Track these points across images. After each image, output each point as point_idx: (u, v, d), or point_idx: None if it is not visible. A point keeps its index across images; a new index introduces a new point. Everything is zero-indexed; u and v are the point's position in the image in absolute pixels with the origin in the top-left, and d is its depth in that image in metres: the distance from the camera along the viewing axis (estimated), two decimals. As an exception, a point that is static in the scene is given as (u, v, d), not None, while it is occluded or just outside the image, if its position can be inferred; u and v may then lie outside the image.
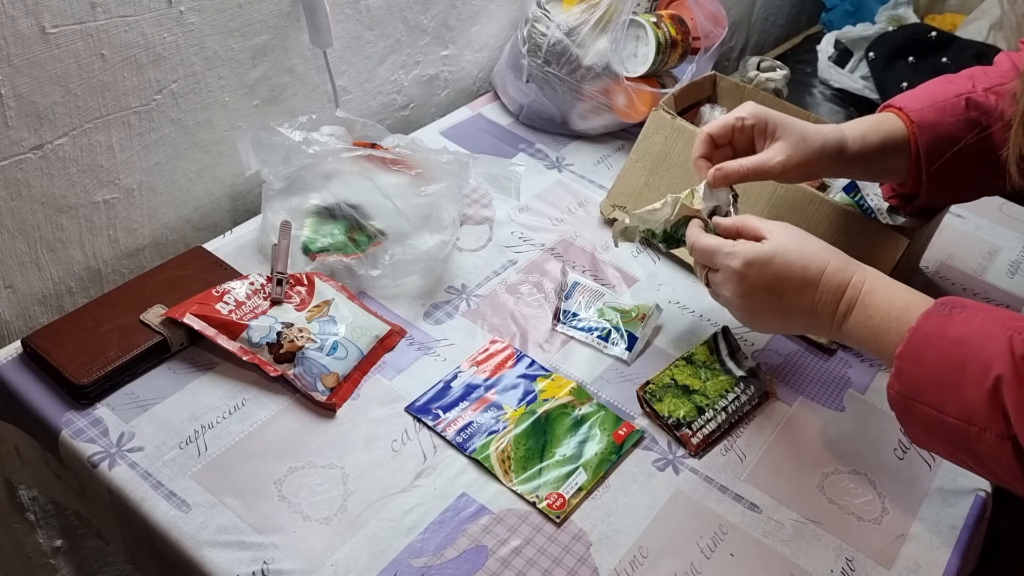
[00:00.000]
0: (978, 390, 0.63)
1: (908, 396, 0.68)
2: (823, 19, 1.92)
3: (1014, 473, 0.63)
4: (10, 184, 0.85)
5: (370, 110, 1.22)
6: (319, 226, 0.97)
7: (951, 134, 0.86)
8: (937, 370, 0.66)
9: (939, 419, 0.66)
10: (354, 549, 0.72)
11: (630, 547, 0.75)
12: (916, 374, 0.68)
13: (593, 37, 1.18)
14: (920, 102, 0.88)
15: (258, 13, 0.98)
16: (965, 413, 0.64)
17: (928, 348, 0.67)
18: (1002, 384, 0.62)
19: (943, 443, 0.69)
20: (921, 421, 0.69)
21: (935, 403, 0.66)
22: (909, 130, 0.87)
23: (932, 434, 0.69)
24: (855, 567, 0.76)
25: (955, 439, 0.66)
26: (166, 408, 0.82)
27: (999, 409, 0.62)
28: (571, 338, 0.94)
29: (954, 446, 0.67)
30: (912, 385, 0.68)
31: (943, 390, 0.66)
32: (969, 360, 0.64)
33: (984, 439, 0.64)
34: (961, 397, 0.65)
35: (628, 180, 1.09)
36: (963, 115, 0.86)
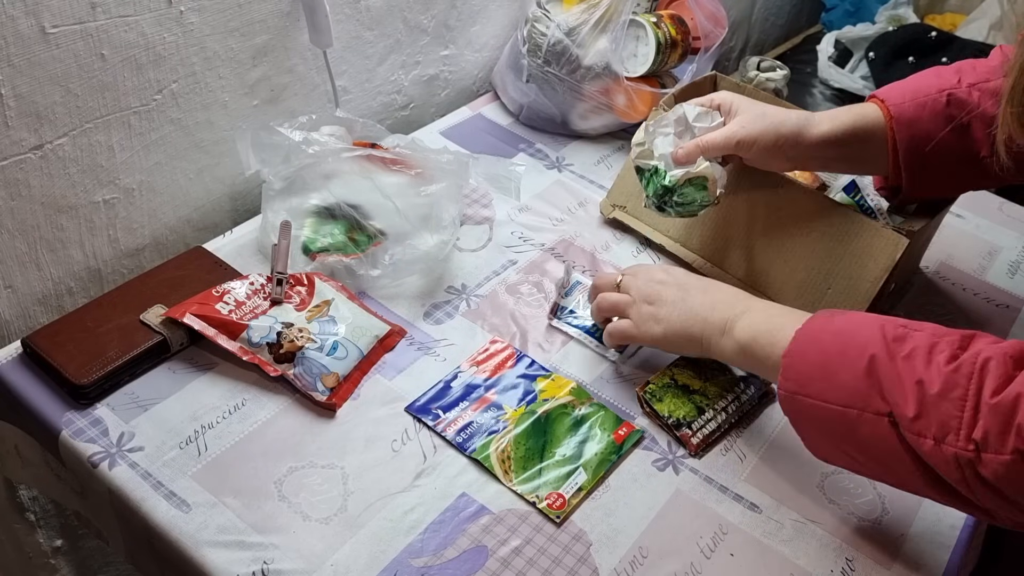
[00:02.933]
0: (855, 371, 0.67)
1: (794, 392, 0.71)
2: (823, 19, 1.92)
3: (896, 452, 0.65)
4: (10, 184, 0.85)
5: (370, 110, 1.22)
6: (319, 226, 0.97)
7: (929, 131, 0.87)
8: (820, 361, 0.70)
9: (822, 409, 0.69)
10: (354, 549, 0.72)
11: (630, 547, 0.75)
12: (801, 369, 0.71)
13: (593, 37, 1.18)
14: (903, 95, 0.89)
15: (258, 13, 0.98)
16: (845, 397, 0.67)
17: (811, 344, 0.71)
18: (876, 362, 0.66)
19: (830, 437, 0.71)
20: (808, 416, 0.71)
21: (818, 393, 0.69)
22: (888, 124, 0.88)
23: (819, 428, 0.72)
24: (855, 567, 0.76)
25: (839, 429, 0.69)
26: (166, 408, 0.82)
27: (875, 386, 0.65)
28: (565, 334, 0.94)
29: (840, 437, 0.70)
30: (797, 380, 0.71)
31: (825, 378, 0.69)
32: (848, 347, 0.68)
33: (864, 420, 0.66)
34: (841, 382, 0.67)
35: (628, 180, 1.09)
36: (942, 112, 0.87)
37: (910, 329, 0.68)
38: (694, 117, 0.92)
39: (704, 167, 0.90)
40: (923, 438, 0.63)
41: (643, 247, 1.08)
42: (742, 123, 0.90)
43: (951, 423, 0.62)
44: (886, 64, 1.57)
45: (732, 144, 0.89)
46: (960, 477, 0.62)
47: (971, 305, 1.06)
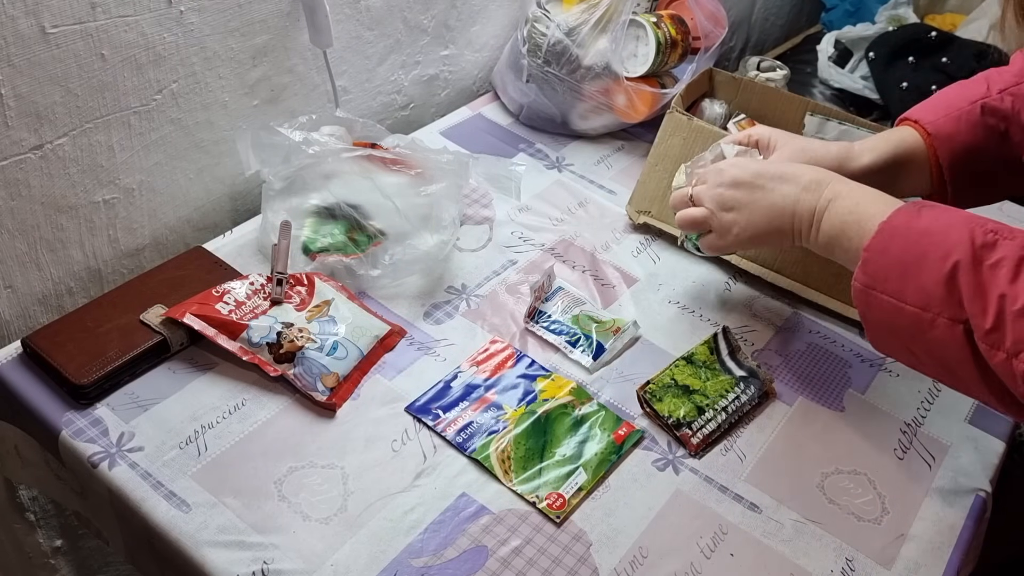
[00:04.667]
0: (936, 276, 0.66)
1: (870, 287, 0.70)
2: (823, 19, 1.91)
3: (963, 358, 0.65)
4: (10, 184, 0.85)
5: (370, 110, 1.22)
6: (319, 226, 0.97)
7: (969, 143, 0.86)
8: (900, 260, 0.68)
9: (897, 308, 0.68)
10: (354, 549, 0.72)
11: (630, 547, 0.75)
12: (881, 264, 0.69)
13: (593, 37, 1.18)
14: (935, 113, 0.88)
15: (258, 13, 0.98)
16: (922, 300, 0.66)
17: (895, 240, 0.70)
18: (959, 269, 0.64)
19: (898, 335, 0.70)
20: (880, 311, 0.70)
21: (895, 292, 0.68)
22: (927, 143, 0.88)
23: (889, 325, 0.70)
24: (855, 567, 0.76)
25: (910, 328, 0.68)
26: (166, 408, 0.82)
27: (954, 294, 0.65)
28: (540, 338, 0.94)
29: (909, 336, 0.69)
30: (875, 275, 0.70)
31: (904, 278, 0.68)
32: (931, 249, 0.67)
33: (937, 324, 0.66)
34: (920, 284, 0.66)
35: (650, 184, 1.09)
36: (979, 122, 0.86)
37: (1001, 236, 0.65)
38: (733, 155, 0.91)
39: None
40: (996, 350, 0.62)
41: (642, 247, 1.08)
42: (782, 158, 0.87)
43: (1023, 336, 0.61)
44: (886, 64, 1.57)
45: None
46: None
47: (971, 305, 1.06)
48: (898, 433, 0.88)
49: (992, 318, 0.63)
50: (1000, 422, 0.91)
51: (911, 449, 0.87)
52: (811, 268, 1.00)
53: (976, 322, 0.64)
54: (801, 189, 0.79)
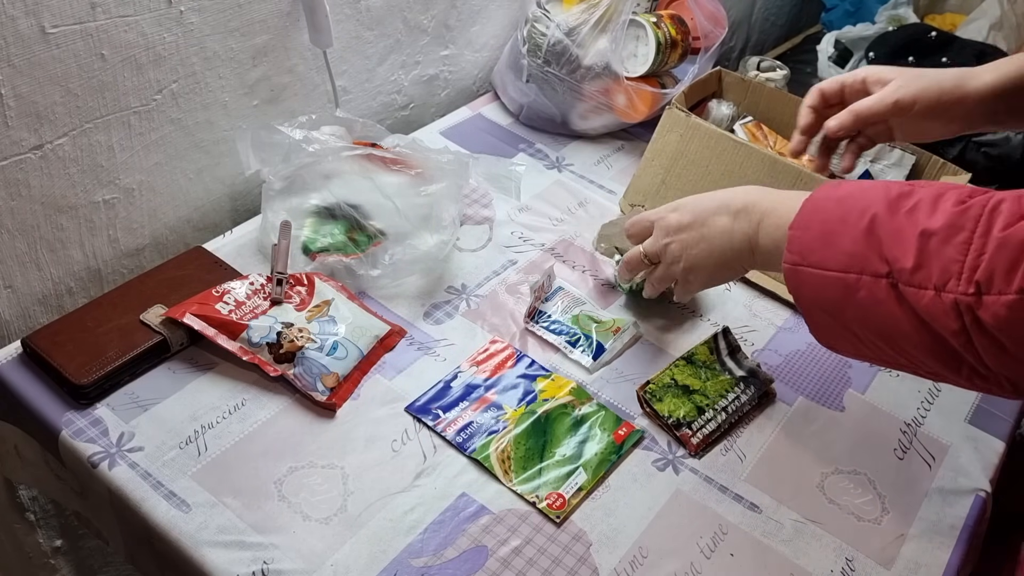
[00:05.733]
0: (855, 234, 0.63)
1: (797, 263, 0.67)
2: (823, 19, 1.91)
3: (893, 316, 0.61)
4: (10, 184, 0.85)
5: (370, 110, 1.22)
6: (319, 226, 0.97)
7: None
8: (822, 229, 0.66)
9: (822, 277, 0.65)
10: (354, 549, 0.72)
11: (630, 547, 0.75)
12: (805, 238, 0.67)
13: (593, 37, 1.18)
14: None
15: (258, 13, 0.98)
16: (844, 262, 0.63)
17: (816, 213, 0.68)
18: (876, 221, 0.62)
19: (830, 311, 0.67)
20: (809, 287, 0.67)
21: (819, 262, 0.65)
22: None
23: (820, 302, 0.67)
24: (855, 567, 0.76)
25: (839, 299, 0.65)
26: (166, 408, 0.82)
27: (874, 246, 0.62)
28: (540, 338, 0.94)
29: (839, 308, 0.65)
30: (801, 250, 0.67)
31: (825, 246, 0.65)
32: (850, 211, 0.64)
33: (862, 284, 0.62)
34: (841, 247, 0.64)
35: (644, 179, 1.10)
36: None
37: (916, 186, 0.63)
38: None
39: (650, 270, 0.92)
40: (923, 290, 0.59)
41: (643, 247, 1.08)
42: (899, 84, 0.84)
43: (953, 268, 0.57)
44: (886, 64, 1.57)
45: (889, 105, 0.84)
46: (959, 327, 0.57)
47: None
48: (898, 433, 0.88)
49: (914, 256, 0.59)
50: (1000, 422, 0.91)
51: (911, 449, 0.87)
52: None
53: (899, 267, 0.60)
54: (733, 219, 0.77)
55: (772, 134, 1.15)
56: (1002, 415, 0.91)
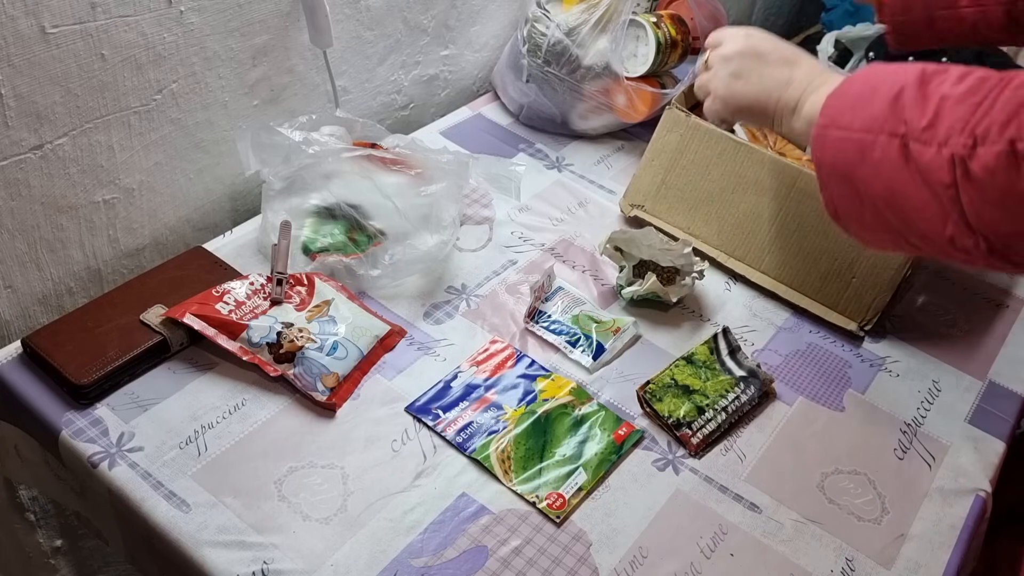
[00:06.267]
0: (884, 100, 0.66)
1: (825, 126, 0.70)
2: (823, 19, 1.91)
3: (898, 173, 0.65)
4: (10, 184, 0.85)
5: (370, 110, 1.22)
6: (319, 226, 0.97)
7: None
8: (856, 96, 0.70)
9: (845, 139, 0.68)
10: (354, 549, 0.72)
11: (630, 547, 0.75)
12: (838, 105, 0.70)
13: (593, 37, 1.18)
14: None
15: (258, 13, 0.98)
16: (867, 124, 0.67)
17: (854, 83, 0.71)
18: (904, 89, 0.65)
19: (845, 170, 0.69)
20: (832, 149, 0.70)
21: (846, 124, 0.68)
22: None
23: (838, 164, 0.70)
24: (855, 567, 0.76)
25: (854, 157, 0.68)
26: (166, 408, 0.82)
27: (897, 111, 0.65)
28: (540, 338, 0.94)
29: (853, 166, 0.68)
30: (832, 115, 0.70)
31: (855, 110, 0.68)
32: (884, 83, 0.68)
33: (877, 144, 0.65)
34: (868, 112, 0.67)
35: (645, 179, 1.10)
36: None
37: (951, 65, 0.66)
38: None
39: (651, 283, 0.94)
40: (927, 146, 0.62)
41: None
42: None
43: (957, 124, 0.61)
44: (886, 64, 1.57)
45: None
46: (950, 180, 0.61)
47: (971, 305, 1.06)
48: (898, 433, 0.88)
49: (930, 116, 0.63)
50: (1000, 422, 0.91)
51: (911, 449, 0.87)
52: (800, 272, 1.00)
53: (913, 125, 0.63)
54: (795, 74, 0.81)
55: (772, 134, 1.15)
56: (1002, 415, 0.92)
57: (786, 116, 0.80)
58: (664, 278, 0.98)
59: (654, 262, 0.97)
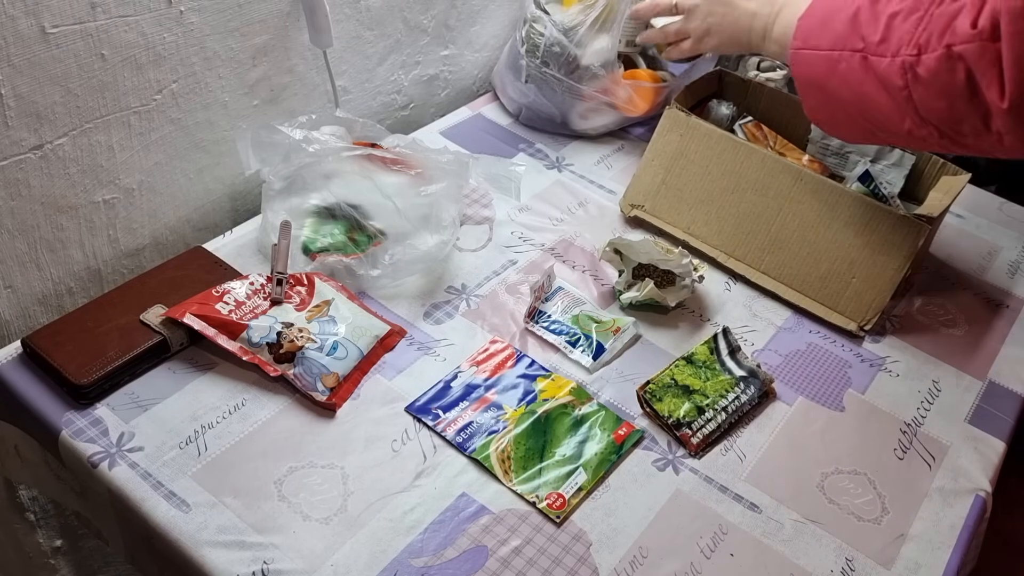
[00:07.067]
0: (843, 20, 0.77)
1: (800, 48, 0.81)
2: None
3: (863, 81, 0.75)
4: (10, 184, 0.85)
5: (370, 110, 1.22)
6: (319, 226, 0.97)
7: None
8: (820, 18, 0.80)
9: (816, 56, 0.80)
10: (354, 549, 0.72)
11: (630, 547, 0.75)
12: (808, 25, 0.82)
13: (591, 36, 1.17)
14: None
15: (258, 13, 0.98)
16: (833, 42, 0.78)
17: (820, 6, 0.82)
18: (860, 10, 0.76)
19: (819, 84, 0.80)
20: (807, 67, 0.81)
21: (815, 44, 0.80)
22: None
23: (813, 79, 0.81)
24: (855, 567, 0.76)
25: (825, 71, 0.79)
26: (166, 408, 0.82)
27: (856, 28, 0.75)
28: (540, 338, 0.93)
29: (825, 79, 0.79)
30: (804, 36, 0.82)
31: (822, 31, 0.79)
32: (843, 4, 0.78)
33: (843, 58, 0.77)
34: (832, 31, 0.78)
35: (645, 179, 1.10)
36: None
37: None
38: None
39: (648, 289, 0.94)
40: (883, 58, 0.73)
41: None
42: None
43: (905, 37, 0.71)
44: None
45: None
46: (903, 83, 0.71)
47: (971, 305, 1.06)
48: (898, 433, 0.88)
49: (882, 32, 0.73)
50: (1000, 422, 0.91)
51: (911, 449, 0.87)
52: (800, 272, 1.00)
53: (869, 41, 0.74)
54: (759, 4, 0.94)
55: (772, 134, 1.15)
56: (1002, 415, 0.92)
57: (759, 43, 0.94)
58: (663, 280, 0.97)
59: (653, 265, 0.97)
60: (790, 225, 1.00)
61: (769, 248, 1.02)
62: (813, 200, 0.98)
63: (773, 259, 1.02)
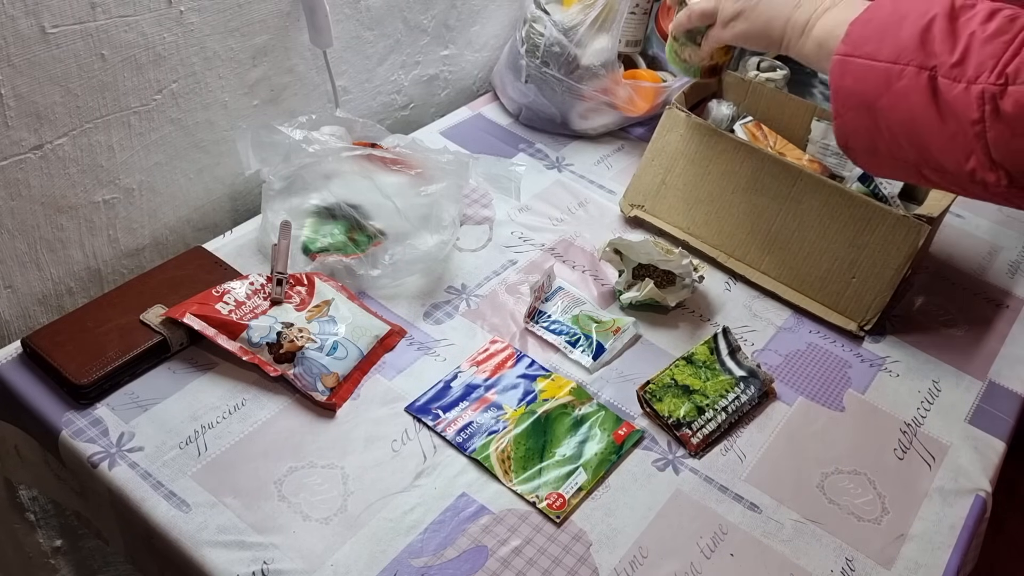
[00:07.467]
0: (912, 30, 0.67)
1: (848, 55, 0.71)
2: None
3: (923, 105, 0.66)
4: (10, 184, 0.85)
5: (370, 110, 1.22)
6: (319, 226, 0.97)
7: None
8: (882, 24, 0.70)
9: (869, 67, 0.69)
10: (354, 549, 0.72)
11: (630, 547, 0.75)
12: (863, 32, 0.71)
13: (591, 36, 1.17)
14: None
15: (258, 13, 0.98)
16: (895, 54, 0.68)
17: (880, 10, 0.71)
18: (935, 21, 0.66)
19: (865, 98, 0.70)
20: (853, 77, 0.71)
21: (871, 53, 0.69)
22: None
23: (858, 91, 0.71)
24: (855, 567, 0.76)
25: (878, 86, 0.69)
26: (166, 408, 0.82)
27: (927, 43, 0.66)
28: (540, 338, 0.93)
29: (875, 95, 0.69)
30: (856, 42, 0.71)
31: (881, 39, 0.69)
32: (911, 11, 0.68)
33: (905, 74, 0.67)
34: (896, 41, 0.68)
35: (645, 179, 1.10)
36: None
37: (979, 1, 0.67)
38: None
39: (648, 289, 0.94)
40: (956, 83, 0.64)
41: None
42: None
43: (988, 63, 0.62)
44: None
45: None
46: (979, 116, 0.62)
47: (971, 305, 1.06)
48: (898, 433, 0.88)
49: (959, 53, 0.64)
50: (1000, 422, 0.91)
51: (911, 449, 0.87)
52: (800, 272, 1.00)
53: (942, 60, 0.65)
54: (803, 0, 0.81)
55: (772, 134, 1.15)
56: (1002, 415, 0.92)
57: (795, 38, 0.81)
58: (663, 280, 0.97)
59: (653, 266, 0.97)
60: (790, 225, 1.00)
61: (769, 248, 1.02)
62: (813, 200, 0.98)
63: (773, 259, 1.02)
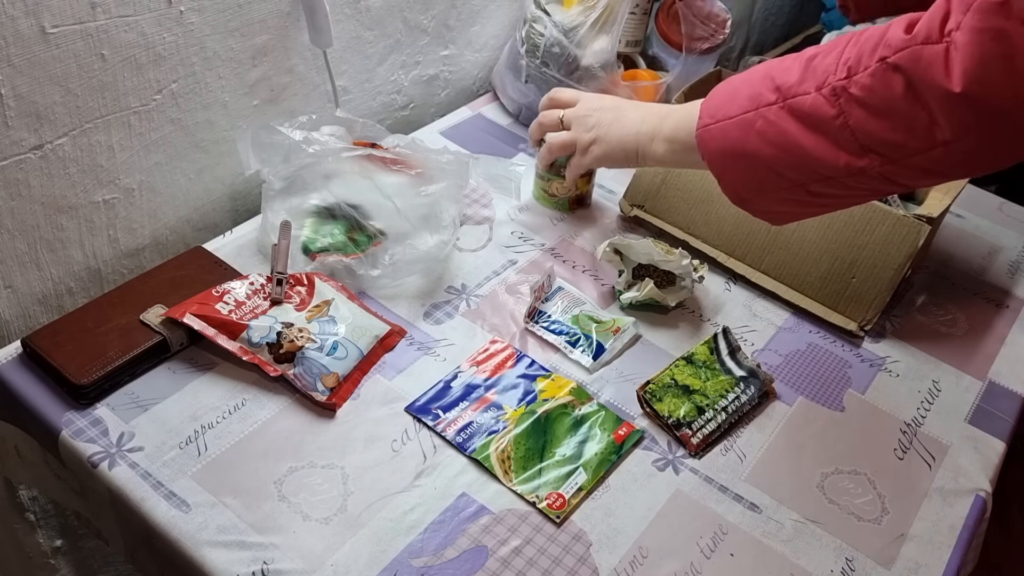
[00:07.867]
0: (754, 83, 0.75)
1: (706, 125, 0.78)
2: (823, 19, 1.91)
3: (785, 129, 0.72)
4: (10, 184, 0.85)
5: (370, 110, 1.22)
6: (319, 226, 0.97)
7: None
8: (728, 94, 0.78)
9: (728, 125, 0.76)
10: (354, 549, 0.72)
11: (630, 547, 0.75)
12: (713, 104, 0.79)
13: (591, 37, 1.17)
14: None
15: (258, 13, 0.98)
16: (744, 106, 0.75)
17: (721, 88, 0.79)
18: (772, 68, 0.74)
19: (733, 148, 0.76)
20: (716, 139, 0.78)
21: (725, 115, 0.76)
22: None
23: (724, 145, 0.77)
24: (855, 567, 0.76)
25: (739, 134, 0.75)
26: (166, 408, 0.82)
27: (767, 84, 0.73)
28: (540, 338, 0.94)
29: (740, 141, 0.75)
30: (710, 114, 0.78)
31: (732, 102, 0.76)
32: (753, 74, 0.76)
33: (759, 116, 0.73)
34: (742, 96, 0.75)
35: (644, 179, 1.10)
36: None
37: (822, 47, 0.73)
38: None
39: (648, 289, 0.95)
40: (805, 96, 0.70)
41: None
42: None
43: (831, 67, 0.69)
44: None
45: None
46: (836, 111, 0.68)
47: (971, 305, 1.06)
48: (898, 433, 0.88)
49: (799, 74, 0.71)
50: (1000, 422, 0.91)
51: (911, 449, 0.87)
52: (800, 272, 1.00)
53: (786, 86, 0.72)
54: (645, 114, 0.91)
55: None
56: (1002, 415, 0.92)
57: (646, 147, 0.90)
58: (663, 280, 0.98)
59: (653, 266, 0.97)
60: (790, 225, 1.00)
61: (769, 248, 1.02)
62: None
63: (773, 259, 1.02)
